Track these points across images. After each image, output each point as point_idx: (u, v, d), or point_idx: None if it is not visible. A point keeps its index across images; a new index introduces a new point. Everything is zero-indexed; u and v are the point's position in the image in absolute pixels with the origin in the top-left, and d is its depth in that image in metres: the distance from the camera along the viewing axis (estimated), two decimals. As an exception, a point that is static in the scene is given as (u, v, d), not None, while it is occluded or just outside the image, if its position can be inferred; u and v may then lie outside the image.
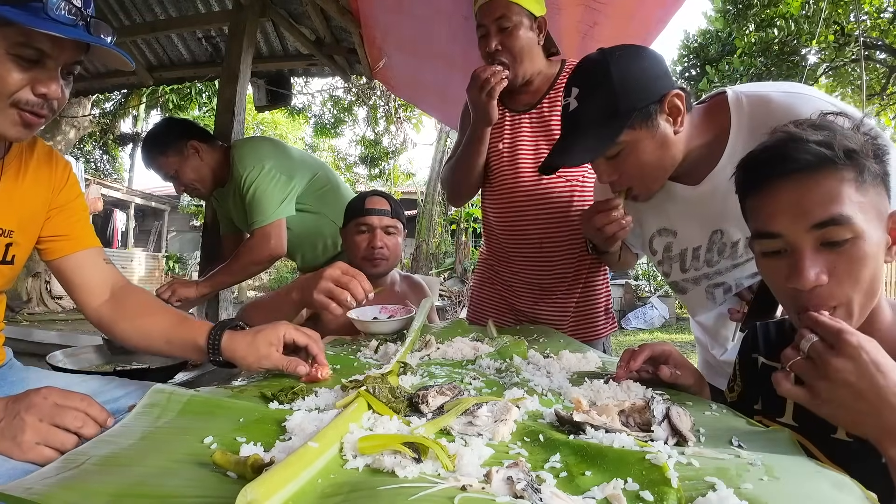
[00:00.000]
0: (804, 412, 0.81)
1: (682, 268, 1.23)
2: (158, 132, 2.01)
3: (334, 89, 11.97)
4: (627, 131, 1.02)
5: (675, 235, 1.22)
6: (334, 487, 0.48)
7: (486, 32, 1.53)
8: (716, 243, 1.15)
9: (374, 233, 1.62)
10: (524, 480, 0.47)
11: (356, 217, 1.65)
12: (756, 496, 0.48)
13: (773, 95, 1.01)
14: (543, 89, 1.60)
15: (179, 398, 0.69)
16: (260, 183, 1.94)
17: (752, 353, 0.97)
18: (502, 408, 0.66)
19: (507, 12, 1.49)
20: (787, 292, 0.76)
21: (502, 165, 1.62)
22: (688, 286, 1.25)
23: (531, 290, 1.66)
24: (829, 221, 0.70)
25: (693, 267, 1.21)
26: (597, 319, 1.67)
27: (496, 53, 1.51)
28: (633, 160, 1.05)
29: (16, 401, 0.79)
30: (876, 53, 9.39)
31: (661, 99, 1.02)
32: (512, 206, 1.62)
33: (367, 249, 1.61)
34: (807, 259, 0.71)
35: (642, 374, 0.91)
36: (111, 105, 11.18)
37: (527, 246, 1.63)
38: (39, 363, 1.40)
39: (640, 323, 8.94)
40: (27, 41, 0.85)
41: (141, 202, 14.57)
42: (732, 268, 1.15)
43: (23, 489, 0.44)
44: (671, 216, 1.20)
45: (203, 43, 3.63)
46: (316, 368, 0.91)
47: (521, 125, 1.61)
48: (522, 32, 1.51)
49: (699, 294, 1.24)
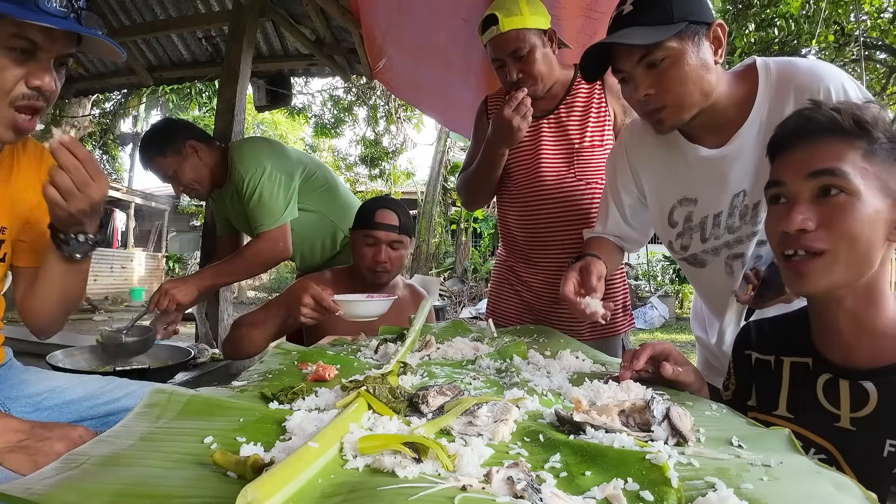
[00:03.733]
0: (798, 404, 0.86)
1: (702, 237, 1.24)
2: (156, 133, 2.00)
3: (334, 89, 11.99)
4: (677, 39, 1.04)
5: (696, 203, 1.22)
6: (334, 487, 0.48)
7: (503, 64, 1.53)
8: (737, 207, 1.16)
9: (379, 247, 1.65)
10: (524, 480, 0.47)
11: (365, 228, 1.67)
12: (756, 496, 0.48)
13: (798, 61, 1.09)
14: (560, 95, 1.62)
15: (179, 398, 0.69)
16: (264, 186, 1.93)
17: (745, 349, 0.98)
18: (502, 408, 0.66)
19: (520, 43, 1.49)
20: (776, 236, 0.82)
21: (522, 170, 1.64)
22: (707, 258, 1.25)
23: (552, 291, 1.67)
24: (825, 171, 0.77)
25: (714, 235, 1.22)
26: (615, 316, 1.69)
27: (519, 82, 1.52)
28: (676, 72, 1.05)
29: (45, 427, 0.83)
30: (876, 53, 9.39)
31: (709, 25, 1.06)
32: (533, 211, 1.65)
33: (372, 262, 1.65)
34: (799, 204, 0.79)
35: (642, 374, 0.91)
36: (111, 105, 11.19)
37: (548, 249, 1.66)
38: (39, 363, 1.41)
39: (640, 323, 8.94)
40: (20, 33, 0.87)
41: (141, 202, 14.56)
42: (752, 235, 1.17)
43: (23, 489, 0.44)
44: (692, 183, 1.21)
45: (203, 43, 3.63)
46: (322, 368, 0.91)
47: (539, 131, 1.62)
48: (538, 54, 1.51)
49: (718, 269, 1.23)
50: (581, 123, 1.60)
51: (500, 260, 1.84)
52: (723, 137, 1.13)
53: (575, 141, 1.60)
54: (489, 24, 1.51)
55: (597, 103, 1.61)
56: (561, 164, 1.62)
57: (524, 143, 1.62)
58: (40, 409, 1.14)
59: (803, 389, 0.86)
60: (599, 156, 1.62)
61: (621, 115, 1.62)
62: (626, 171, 1.33)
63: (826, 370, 0.84)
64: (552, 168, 1.61)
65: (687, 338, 7.59)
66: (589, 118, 1.60)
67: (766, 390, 0.92)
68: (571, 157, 1.60)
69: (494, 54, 1.54)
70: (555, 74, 1.59)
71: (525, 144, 1.62)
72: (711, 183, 1.18)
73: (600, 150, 1.61)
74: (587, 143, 1.60)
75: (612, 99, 1.62)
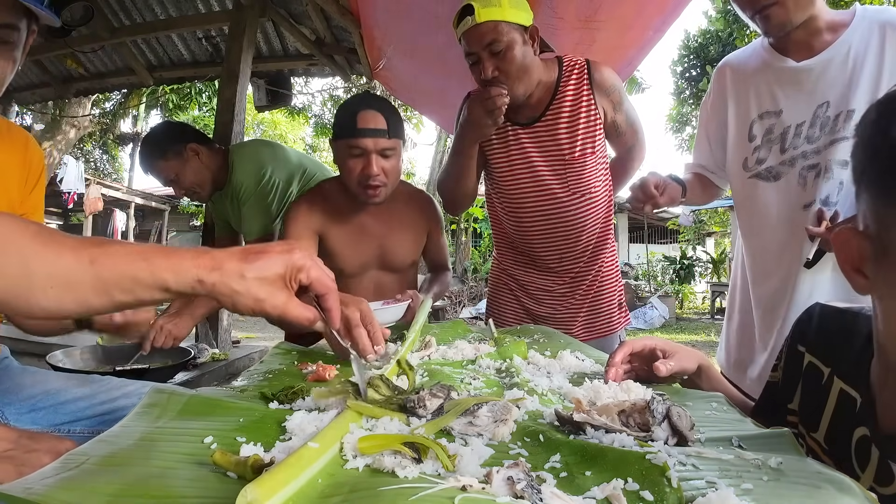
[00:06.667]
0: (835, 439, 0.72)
1: (782, 147, 1.30)
2: (157, 136, 1.99)
3: (334, 89, 11.97)
4: None
5: (780, 115, 1.30)
6: (334, 487, 0.48)
7: (478, 59, 1.42)
8: (819, 117, 1.24)
9: (368, 157, 1.40)
10: (524, 480, 0.47)
11: (347, 137, 1.41)
12: (756, 496, 0.48)
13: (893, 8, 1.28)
14: (546, 99, 1.54)
15: (179, 398, 0.69)
16: (259, 193, 1.94)
17: (799, 343, 0.84)
18: (502, 408, 0.66)
19: (497, 35, 1.38)
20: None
21: (511, 183, 1.59)
22: (783, 170, 1.30)
23: (548, 293, 1.68)
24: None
25: (793, 146, 1.28)
26: (612, 314, 1.69)
27: (494, 80, 1.41)
28: None
29: (33, 438, 0.82)
30: (876, 53, 9.36)
31: None
32: (525, 223, 1.62)
33: (362, 176, 1.42)
34: None
35: (640, 374, 0.91)
36: (111, 105, 11.20)
37: (543, 255, 1.64)
38: (39, 363, 1.41)
39: (639, 323, 8.94)
40: None
41: (141, 202, 14.55)
42: (829, 144, 1.23)
43: (22, 489, 0.44)
44: (778, 96, 1.30)
45: (203, 43, 3.64)
46: (323, 368, 0.89)
47: (528, 139, 1.56)
48: (517, 51, 1.41)
49: (791, 181, 1.29)
50: (571, 131, 1.53)
51: (496, 263, 1.82)
52: (811, 54, 1.23)
53: (566, 152, 1.53)
54: (465, 14, 1.40)
55: (586, 104, 1.53)
56: (552, 179, 1.55)
57: (514, 153, 1.56)
58: (36, 410, 1.14)
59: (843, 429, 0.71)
60: (592, 165, 1.56)
61: (611, 113, 1.56)
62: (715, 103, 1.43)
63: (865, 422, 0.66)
64: (543, 183, 1.55)
65: (687, 337, 7.59)
66: (579, 123, 1.52)
67: (811, 403, 0.78)
68: (564, 171, 1.54)
69: (469, 48, 1.42)
70: (535, 76, 1.49)
71: (513, 156, 1.57)
72: (797, 94, 1.26)
73: (592, 159, 1.55)
74: (578, 154, 1.53)
75: (601, 97, 1.54)
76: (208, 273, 0.58)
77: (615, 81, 1.58)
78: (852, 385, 0.71)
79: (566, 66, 1.56)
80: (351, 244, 1.55)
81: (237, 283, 0.59)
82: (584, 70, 1.55)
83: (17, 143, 1.10)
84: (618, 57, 2.43)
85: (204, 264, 0.58)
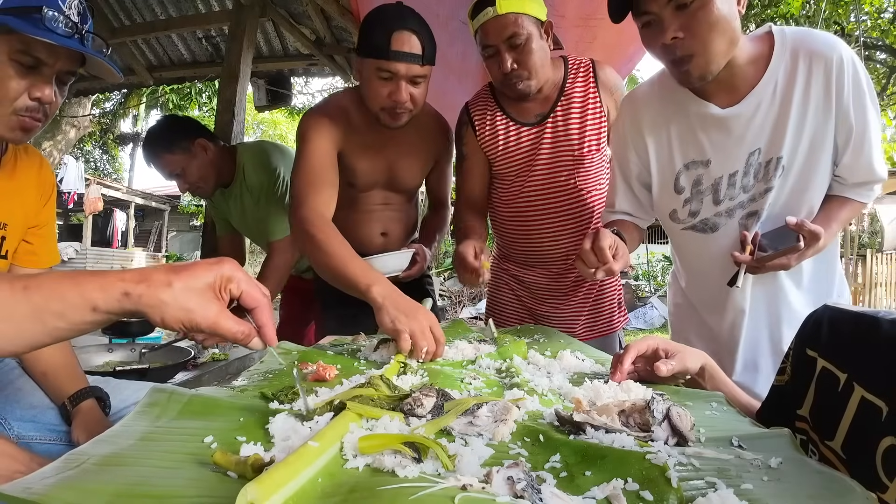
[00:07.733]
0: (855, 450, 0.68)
1: (715, 199, 1.23)
2: (164, 129, 1.97)
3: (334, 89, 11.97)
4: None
5: (708, 165, 1.22)
6: (334, 487, 0.48)
7: (497, 52, 1.40)
8: (752, 165, 1.17)
9: (398, 83, 1.32)
10: (524, 480, 0.47)
11: (379, 57, 1.30)
12: (756, 496, 0.48)
13: (814, 30, 1.14)
14: (553, 97, 1.54)
15: (179, 398, 0.69)
16: (278, 195, 1.95)
17: (809, 347, 0.79)
18: (502, 408, 0.66)
19: (518, 28, 1.36)
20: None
21: (518, 180, 1.60)
22: (720, 221, 1.23)
23: (549, 291, 1.68)
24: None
25: (728, 196, 1.21)
26: (612, 314, 1.71)
27: (513, 73, 1.41)
28: (705, 16, 1.04)
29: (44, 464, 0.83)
30: (876, 53, 9.40)
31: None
32: (529, 220, 1.62)
33: (389, 101, 1.35)
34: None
35: (641, 374, 0.91)
36: (111, 105, 11.21)
37: (545, 254, 1.65)
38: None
39: (639, 323, 8.93)
40: (26, 49, 0.93)
41: (141, 202, 14.56)
42: (765, 192, 1.18)
43: (22, 489, 0.44)
44: (705, 145, 1.21)
45: (203, 43, 3.64)
46: (322, 368, 0.89)
47: (534, 139, 1.56)
48: (535, 44, 1.40)
49: (731, 231, 1.22)
50: (580, 128, 1.54)
51: (496, 262, 1.82)
52: (735, 96, 1.15)
53: (575, 149, 1.54)
54: (484, 5, 1.37)
55: (592, 102, 1.54)
56: (560, 176, 1.56)
57: (519, 156, 1.57)
58: (37, 415, 1.15)
59: (865, 438, 0.66)
60: (598, 162, 1.58)
61: (614, 112, 1.57)
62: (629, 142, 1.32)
63: (893, 431, 0.62)
64: (551, 179, 1.56)
65: (687, 338, 7.57)
66: (587, 121, 1.54)
67: (825, 410, 0.73)
68: (573, 167, 1.55)
69: (487, 41, 1.39)
70: (548, 71, 1.49)
71: (521, 156, 1.57)
72: (725, 144, 1.18)
73: (598, 156, 1.57)
74: (586, 150, 1.54)
75: (606, 95, 1.55)
76: (134, 285, 0.57)
77: (617, 81, 1.61)
78: (876, 393, 0.67)
79: (572, 65, 1.58)
80: (364, 161, 1.50)
81: (164, 294, 0.57)
82: (589, 69, 1.57)
83: (33, 163, 1.18)
84: (618, 54, 2.43)
85: (130, 277, 0.58)
